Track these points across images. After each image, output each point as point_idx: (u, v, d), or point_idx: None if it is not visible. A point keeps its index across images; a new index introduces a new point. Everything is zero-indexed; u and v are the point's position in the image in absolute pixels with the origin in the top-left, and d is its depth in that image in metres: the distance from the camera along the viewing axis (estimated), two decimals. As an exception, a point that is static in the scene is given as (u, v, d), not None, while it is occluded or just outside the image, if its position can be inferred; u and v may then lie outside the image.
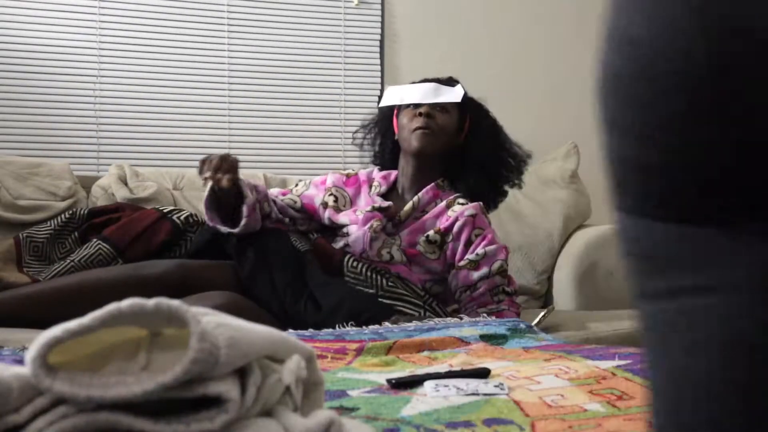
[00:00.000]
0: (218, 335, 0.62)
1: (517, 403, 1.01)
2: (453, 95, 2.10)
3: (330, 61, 3.06)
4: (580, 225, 2.77)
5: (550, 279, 2.69)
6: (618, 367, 1.23)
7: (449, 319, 1.83)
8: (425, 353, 1.45)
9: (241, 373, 0.67)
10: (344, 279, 1.91)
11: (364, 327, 1.71)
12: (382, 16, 3.10)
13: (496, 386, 1.08)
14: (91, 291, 1.82)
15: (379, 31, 3.10)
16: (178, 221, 2.08)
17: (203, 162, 1.87)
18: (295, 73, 3.02)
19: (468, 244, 2.01)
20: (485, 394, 1.05)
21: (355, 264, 1.92)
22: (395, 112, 2.21)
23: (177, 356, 0.61)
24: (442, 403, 1.01)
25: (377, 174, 2.21)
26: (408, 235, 2.05)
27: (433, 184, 2.11)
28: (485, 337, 1.57)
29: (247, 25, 2.97)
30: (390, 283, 1.90)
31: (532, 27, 3.32)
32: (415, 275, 2.00)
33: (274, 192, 2.17)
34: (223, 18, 2.94)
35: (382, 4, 3.10)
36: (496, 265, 1.98)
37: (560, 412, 0.96)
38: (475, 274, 1.97)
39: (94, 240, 2.03)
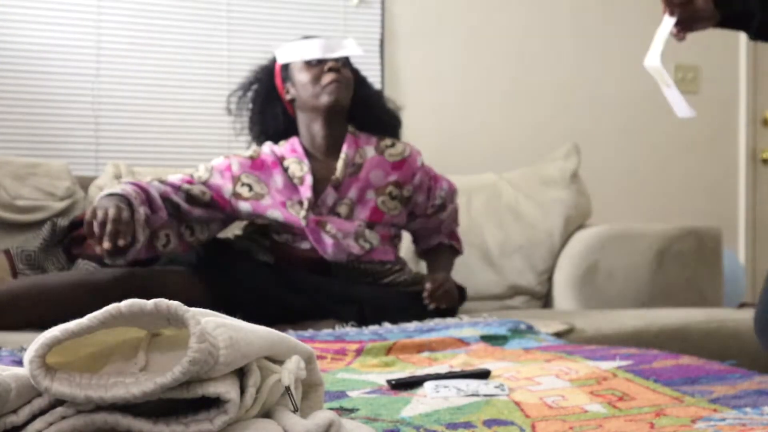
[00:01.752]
0: (217, 336, 0.62)
1: (517, 404, 1.01)
2: (353, 48, 2.08)
3: (330, 61, 3.05)
4: (580, 225, 2.77)
5: (550, 279, 2.69)
6: (619, 368, 1.23)
7: (449, 319, 1.84)
8: (425, 354, 1.45)
9: (241, 374, 0.66)
10: (335, 278, 1.98)
11: (363, 327, 1.72)
12: (382, 16, 3.10)
13: (496, 387, 1.08)
14: (44, 294, 1.79)
15: (379, 31, 3.10)
16: None
17: (89, 225, 1.73)
18: (295, 73, 3.01)
19: (428, 191, 2.17)
20: (485, 395, 1.05)
21: (341, 268, 2.01)
22: (278, 75, 2.13)
23: (176, 357, 0.60)
24: (442, 404, 1.01)
25: (280, 150, 2.09)
26: (357, 193, 2.05)
27: (348, 135, 2.09)
28: (485, 338, 1.57)
29: (246, 25, 2.96)
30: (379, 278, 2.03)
31: (532, 27, 3.32)
32: (382, 232, 2.08)
33: (175, 179, 1.99)
34: (223, 18, 2.94)
35: (382, 4, 3.10)
36: (455, 198, 2.24)
37: (561, 413, 0.96)
38: (444, 215, 2.21)
39: (80, 261, 2.04)
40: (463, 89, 3.19)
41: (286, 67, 2.10)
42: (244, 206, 2.01)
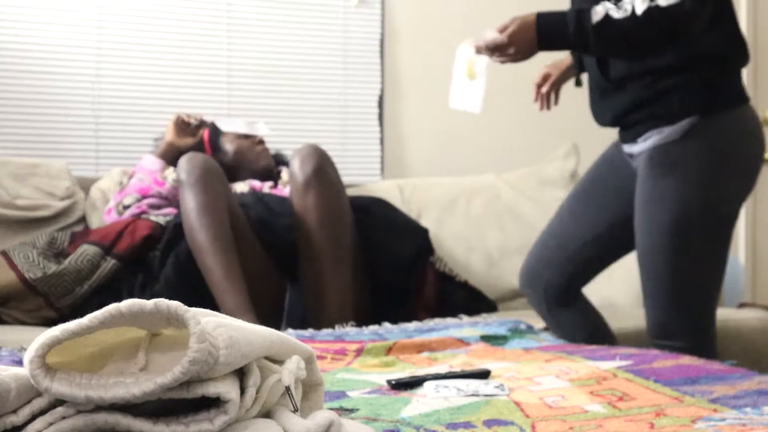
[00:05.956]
0: (217, 336, 0.62)
1: (517, 404, 1.01)
2: (266, 128, 2.63)
3: (330, 61, 3.05)
4: (580, 225, 2.76)
5: (550, 279, 2.69)
6: (619, 368, 1.23)
7: (449, 319, 1.84)
8: (425, 354, 1.45)
9: (241, 374, 0.66)
10: None
11: (363, 327, 1.72)
12: (382, 16, 3.10)
13: (496, 387, 1.08)
14: None
15: (379, 31, 3.10)
16: (155, 219, 2.22)
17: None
18: (295, 73, 3.01)
19: None
20: (485, 395, 1.05)
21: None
22: (208, 140, 2.57)
23: (176, 357, 0.60)
24: (442, 404, 1.01)
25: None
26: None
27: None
28: (486, 338, 1.57)
29: (246, 25, 2.96)
30: None
31: (532, 27, 3.31)
32: None
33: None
34: (223, 18, 2.93)
35: (382, 4, 3.10)
36: None
37: (561, 413, 0.96)
38: None
39: (80, 247, 2.12)
40: (463, 89, 3.18)
41: (216, 135, 2.55)
42: None
